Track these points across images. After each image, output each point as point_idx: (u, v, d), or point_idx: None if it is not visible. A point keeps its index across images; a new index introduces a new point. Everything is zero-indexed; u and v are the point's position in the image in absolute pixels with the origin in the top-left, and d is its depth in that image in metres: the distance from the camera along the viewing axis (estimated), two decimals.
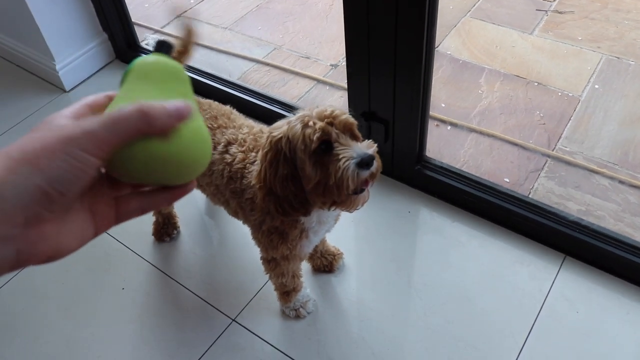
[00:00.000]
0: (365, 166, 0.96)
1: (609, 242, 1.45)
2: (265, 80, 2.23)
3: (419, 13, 1.30)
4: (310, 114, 0.99)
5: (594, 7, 2.50)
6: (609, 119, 1.98)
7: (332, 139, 0.96)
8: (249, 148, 1.17)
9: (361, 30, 1.42)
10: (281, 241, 1.18)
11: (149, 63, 0.48)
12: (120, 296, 1.53)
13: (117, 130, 0.40)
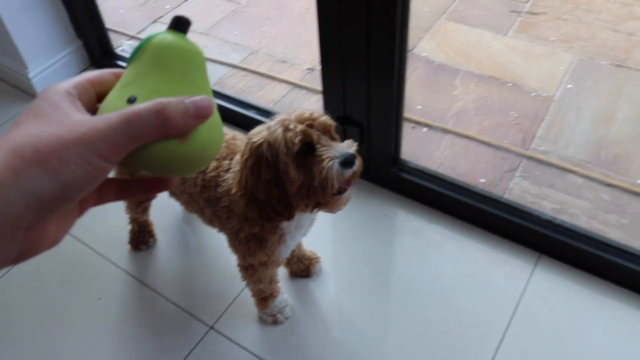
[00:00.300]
0: (349, 165, 0.97)
1: (582, 239, 1.47)
2: (242, 85, 2.23)
3: (391, 16, 1.31)
4: (289, 118, 0.99)
5: (567, 8, 2.53)
6: (581, 118, 2.00)
7: (314, 140, 0.97)
8: (222, 156, 1.17)
9: (334, 33, 1.43)
10: (259, 248, 1.18)
11: (166, 45, 0.43)
12: (97, 306, 1.52)
13: (133, 133, 0.38)
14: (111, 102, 0.41)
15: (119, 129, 0.37)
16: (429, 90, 2.15)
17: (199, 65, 0.44)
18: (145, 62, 0.42)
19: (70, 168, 0.36)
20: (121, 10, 2.73)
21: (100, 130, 0.37)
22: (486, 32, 2.43)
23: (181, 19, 0.44)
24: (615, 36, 2.35)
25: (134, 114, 0.38)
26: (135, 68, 0.43)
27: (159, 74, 0.42)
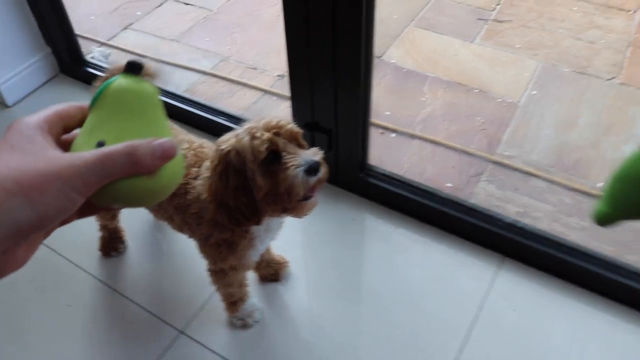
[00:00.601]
0: (313, 172, 0.99)
1: (544, 242, 1.52)
2: (213, 91, 2.24)
3: (356, 22, 1.34)
4: (257, 126, 1.02)
5: (531, 16, 2.60)
6: (545, 123, 2.06)
7: (280, 148, 1.00)
8: (190, 164, 1.19)
9: (301, 41, 1.46)
10: (230, 252, 1.20)
11: (124, 89, 0.47)
12: (67, 313, 1.52)
13: (106, 172, 0.42)
14: (81, 146, 0.46)
15: (94, 168, 0.42)
16: (398, 96, 2.19)
17: (155, 104, 0.49)
18: (106, 107, 0.47)
19: (49, 200, 0.40)
20: (92, 16, 2.73)
21: (77, 167, 0.41)
22: (454, 39, 2.48)
23: (134, 63, 0.48)
24: (577, 44, 2.42)
25: (107, 155, 0.42)
26: (99, 113, 0.47)
27: (120, 117, 0.46)
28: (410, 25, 2.56)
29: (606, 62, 2.32)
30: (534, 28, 2.53)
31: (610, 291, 1.48)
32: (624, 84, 2.22)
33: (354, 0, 1.30)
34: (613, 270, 1.47)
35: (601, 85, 2.22)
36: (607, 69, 2.29)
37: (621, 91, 2.19)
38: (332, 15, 1.35)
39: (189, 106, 1.97)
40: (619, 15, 2.56)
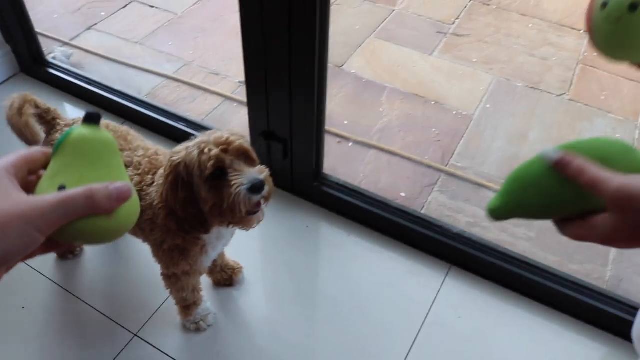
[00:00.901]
0: (256, 191, 1.03)
1: (489, 252, 1.59)
2: (175, 96, 2.26)
3: (310, 33, 1.38)
4: (207, 140, 1.05)
5: (489, 32, 2.68)
6: (497, 136, 2.14)
7: (226, 165, 1.04)
8: (145, 171, 1.22)
9: (258, 52, 1.49)
10: (182, 258, 1.23)
11: (83, 138, 0.52)
12: (20, 315, 1.53)
13: (66, 213, 0.47)
14: (45, 190, 0.51)
15: (55, 209, 0.46)
16: (356, 106, 2.25)
17: (112, 150, 0.54)
18: (68, 154, 0.52)
19: (12, 239, 0.44)
20: (54, 15, 2.71)
21: (39, 208, 0.46)
22: (413, 51, 2.55)
23: (93, 114, 0.54)
24: (531, 60, 2.51)
25: (68, 197, 0.47)
26: (60, 160, 0.52)
27: (80, 163, 0.52)
28: (371, 36, 2.62)
29: (557, 78, 2.42)
30: (490, 43, 2.61)
31: (553, 301, 1.56)
32: (573, 100, 2.32)
33: (308, 11, 1.34)
34: (555, 281, 1.54)
35: (552, 100, 2.31)
36: (558, 85, 2.38)
37: (570, 107, 2.29)
38: (287, 26, 1.39)
39: (150, 111, 1.99)
40: (570, 34, 2.66)
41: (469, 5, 2.87)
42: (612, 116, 2.25)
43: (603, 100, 2.33)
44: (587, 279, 1.62)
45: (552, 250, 1.73)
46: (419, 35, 2.65)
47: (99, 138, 0.53)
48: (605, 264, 1.71)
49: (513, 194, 0.63)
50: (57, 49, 2.42)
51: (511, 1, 2.92)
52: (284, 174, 1.75)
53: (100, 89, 2.10)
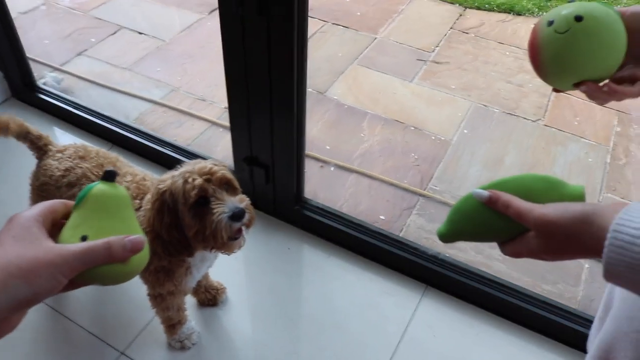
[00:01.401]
0: (237, 219, 1.10)
1: (464, 273, 1.65)
2: (162, 121, 2.33)
3: (288, 62, 1.45)
4: (192, 170, 1.13)
5: (467, 59, 2.78)
6: (474, 161, 2.22)
7: (209, 194, 1.11)
8: (133, 196, 1.28)
9: (240, 81, 1.57)
10: (167, 278, 1.29)
11: (102, 194, 0.61)
12: (8, 335, 1.56)
13: (88, 260, 0.55)
14: (68, 239, 0.58)
15: (79, 258, 0.55)
16: (338, 131, 2.32)
17: (127, 205, 0.63)
18: (89, 208, 0.60)
19: (42, 282, 0.52)
20: (45, 40, 2.78)
21: (65, 256, 0.54)
22: (394, 78, 2.64)
23: (111, 172, 0.62)
24: (507, 87, 2.61)
25: (90, 248, 0.56)
26: (82, 212, 0.60)
27: (100, 216, 0.60)
28: (353, 63, 2.71)
29: (533, 104, 2.51)
30: (469, 70, 2.71)
31: (526, 320, 1.62)
32: (548, 126, 2.40)
33: (286, 42, 1.42)
34: (528, 302, 1.61)
35: (527, 125, 2.40)
36: (533, 111, 2.47)
37: (545, 132, 2.37)
38: (267, 56, 1.46)
39: (137, 136, 2.05)
40: None
41: (449, 34, 2.98)
42: (585, 141, 2.34)
43: (576, 126, 2.42)
44: (560, 299, 1.69)
45: (526, 271, 1.80)
46: (400, 62, 2.74)
47: (116, 194, 0.61)
48: (577, 284, 1.78)
49: (455, 223, 0.74)
50: (48, 74, 2.48)
51: (489, 29, 3.03)
52: (267, 198, 1.81)
53: (89, 114, 2.16)
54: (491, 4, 3.24)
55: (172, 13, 3.05)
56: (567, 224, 0.61)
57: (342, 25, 3.00)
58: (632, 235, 0.55)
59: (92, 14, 3.00)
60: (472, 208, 0.71)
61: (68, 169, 1.37)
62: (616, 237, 0.56)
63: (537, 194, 0.68)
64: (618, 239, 0.56)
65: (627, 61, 0.77)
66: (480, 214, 0.70)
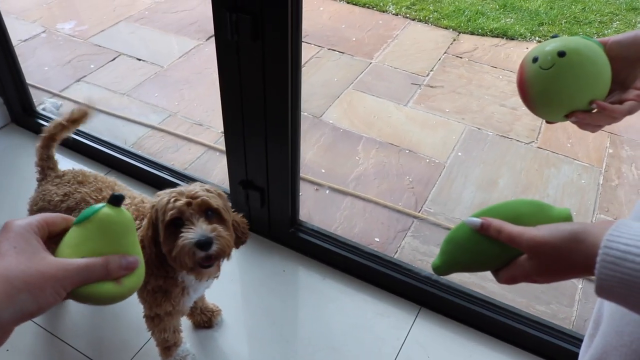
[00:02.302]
0: (201, 247, 1.11)
1: (457, 294, 1.66)
2: (159, 145, 2.36)
3: (283, 90, 1.49)
4: (181, 191, 1.16)
5: (461, 83, 2.82)
6: (468, 183, 2.24)
7: (185, 217, 1.13)
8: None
9: (235, 106, 1.60)
10: (165, 298, 1.31)
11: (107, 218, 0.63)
12: (5, 358, 1.58)
13: (87, 276, 0.58)
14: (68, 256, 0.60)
15: (79, 272, 0.58)
16: (334, 154, 2.35)
17: (130, 228, 0.65)
18: (91, 229, 0.62)
19: (47, 296, 0.55)
20: (45, 67, 2.82)
21: (67, 271, 0.57)
22: (389, 102, 2.68)
23: (118, 196, 0.64)
24: (501, 110, 2.64)
25: (90, 264, 0.59)
26: (83, 232, 0.62)
27: (102, 239, 0.62)
28: (349, 88, 2.75)
29: (526, 127, 2.55)
30: (463, 94, 2.75)
31: (520, 341, 1.63)
32: (541, 148, 2.43)
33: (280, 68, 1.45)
34: (522, 322, 1.62)
35: (521, 148, 2.43)
36: (527, 134, 2.51)
37: (538, 154, 2.40)
38: (262, 82, 1.50)
39: (135, 160, 2.08)
40: None
41: (443, 58, 3.03)
42: (578, 163, 2.37)
43: (569, 148, 2.45)
44: (554, 319, 1.70)
45: (520, 292, 1.81)
46: (395, 86, 2.79)
47: (122, 220, 0.63)
48: (571, 304, 1.80)
49: (449, 254, 0.74)
50: (47, 100, 2.52)
51: (482, 54, 3.08)
52: (262, 221, 1.84)
53: (87, 139, 2.19)
54: (484, 28, 3.30)
55: (171, 40, 3.11)
56: (557, 243, 0.63)
57: (337, 51, 3.05)
58: (622, 250, 0.57)
59: (92, 41, 3.05)
60: (465, 237, 0.72)
61: (67, 194, 1.39)
62: (607, 253, 0.58)
63: (526, 217, 0.69)
64: (609, 255, 0.57)
65: (613, 88, 0.80)
66: (473, 242, 0.71)
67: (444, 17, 3.41)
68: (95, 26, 3.19)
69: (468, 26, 3.32)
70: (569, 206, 2.19)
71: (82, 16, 3.30)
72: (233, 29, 1.41)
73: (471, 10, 3.49)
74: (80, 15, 3.31)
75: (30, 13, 3.30)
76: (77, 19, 3.27)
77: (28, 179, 1.49)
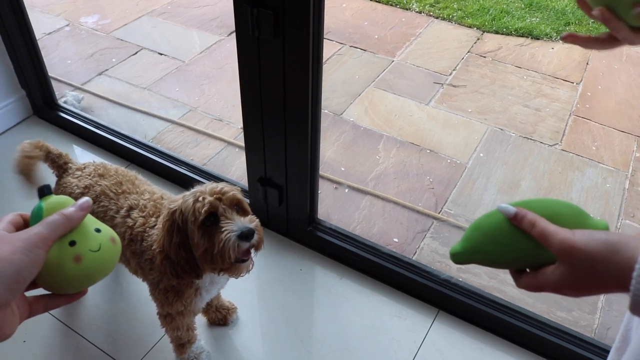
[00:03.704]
0: (245, 238, 1.10)
1: (476, 298, 1.63)
2: (179, 140, 2.35)
3: (304, 86, 1.47)
4: (203, 190, 1.14)
5: (484, 83, 2.78)
6: (490, 184, 2.21)
7: (219, 212, 1.11)
8: (149, 213, 1.30)
9: (255, 102, 1.58)
10: (176, 298, 1.30)
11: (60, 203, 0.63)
12: (21, 349, 1.58)
13: (52, 228, 0.58)
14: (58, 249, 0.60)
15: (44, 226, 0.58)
16: (354, 153, 2.33)
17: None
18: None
19: (22, 257, 0.55)
20: (68, 60, 2.84)
21: (32, 231, 0.58)
22: (410, 100, 2.64)
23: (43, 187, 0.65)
24: (524, 111, 2.60)
25: (49, 219, 0.59)
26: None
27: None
28: (370, 86, 2.72)
29: (550, 129, 2.50)
30: (485, 94, 2.70)
31: (540, 348, 1.59)
32: (565, 150, 2.39)
33: (301, 65, 1.43)
34: (542, 329, 1.58)
35: (544, 150, 2.39)
36: (550, 136, 2.46)
37: (562, 157, 2.36)
38: (282, 78, 1.48)
39: (154, 155, 2.08)
40: (564, 85, 2.76)
41: (466, 57, 2.98)
42: (603, 166, 2.32)
43: (594, 151, 2.40)
44: (575, 327, 1.67)
45: (540, 297, 1.77)
46: (417, 85, 2.75)
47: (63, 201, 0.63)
48: (593, 311, 1.76)
49: (473, 241, 0.69)
50: (69, 93, 2.53)
51: (506, 53, 3.03)
52: (280, 219, 1.82)
53: (107, 133, 2.19)
54: (509, 28, 3.25)
55: (192, 35, 3.10)
56: (592, 252, 0.58)
57: (359, 48, 3.03)
58: None
59: (114, 35, 3.06)
60: (493, 226, 0.67)
61: (87, 187, 1.39)
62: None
63: (562, 219, 0.65)
64: None
65: None
66: (502, 233, 0.67)
67: (468, 16, 3.36)
68: (117, 20, 3.20)
69: (492, 25, 3.27)
70: (593, 211, 2.16)
71: (105, 10, 3.31)
72: (254, 24, 1.40)
73: (496, 8, 3.44)
74: (104, 9, 3.32)
75: (54, 7, 3.31)
76: (100, 12, 3.28)
77: (50, 170, 1.49)
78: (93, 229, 0.64)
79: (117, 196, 1.36)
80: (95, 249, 0.62)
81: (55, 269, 0.59)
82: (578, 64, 2.96)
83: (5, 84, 2.27)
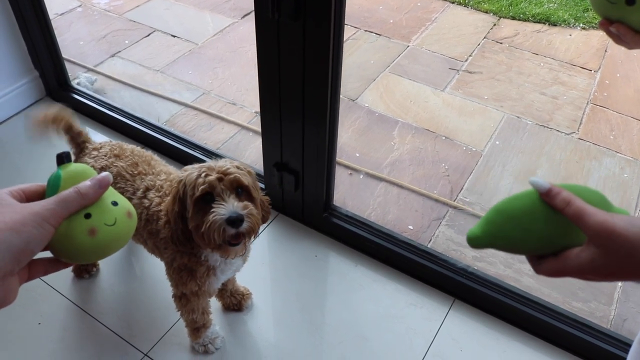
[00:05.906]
0: (232, 224, 1.08)
1: (493, 287, 1.62)
2: (193, 123, 2.34)
3: (323, 71, 1.45)
4: (211, 166, 1.13)
5: (500, 69, 2.74)
6: (506, 173, 2.18)
7: (215, 193, 1.10)
8: (166, 193, 1.29)
9: (273, 85, 1.56)
10: (190, 278, 1.30)
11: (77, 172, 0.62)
12: (36, 331, 1.58)
13: (65, 206, 0.58)
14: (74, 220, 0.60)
15: (57, 203, 0.58)
16: (369, 139, 2.31)
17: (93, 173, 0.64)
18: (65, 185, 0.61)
19: (31, 229, 0.55)
20: (81, 42, 2.82)
21: (44, 205, 0.57)
22: (425, 86, 2.61)
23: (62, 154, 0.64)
24: (541, 98, 2.56)
25: (63, 194, 0.59)
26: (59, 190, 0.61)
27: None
28: (385, 71, 2.69)
29: (567, 117, 2.47)
30: (502, 80, 2.67)
31: (555, 338, 1.58)
32: (582, 139, 2.36)
33: (321, 49, 1.41)
34: (558, 319, 1.57)
35: (561, 139, 2.36)
36: (567, 124, 2.43)
37: (579, 145, 2.33)
38: (302, 61, 1.46)
39: (167, 138, 2.06)
40: (581, 73, 2.72)
41: (482, 43, 2.95)
42: (621, 156, 2.29)
43: (612, 140, 2.37)
44: (591, 317, 1.65)
45: (557, 287, 1.76)
46: (432, 71, 2.72)
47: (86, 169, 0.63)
48: (609, 302, 1.74)
49: (496, 225, 0.64)
50: (82, 75, 2.52)
51: (523, 40, 2.99)
52: (295, 205, 1.81)
53: (121, 115, 2.18)
54: (526, 14, 3.20)
55: (206, 17, 3.08)
56: (632, 238, 0.55)
57: (374, 33, 2.99)
58: None
59: (127, 17, 3.04)
60: (518, 207, 0.63)
61: (103, 167, 1.38)
62: None
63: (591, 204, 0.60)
64: None
65: None
66: (530, 217, 0.62)
67: (485, 1, 3.31)
68: (130, 1, 3.17)
69: (509, 11, 3.23)
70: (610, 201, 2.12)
71: None
72: (274, 7, 1.37)
73: None
74: None
75: None
76: None
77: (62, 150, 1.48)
78: (110, 202, 0.63)
79: (134, 177, 1.36)
80: (110, 222, 0.61)
81: (70, 240, 0.59)
82: (596, 51, 2.92)
83: (19, 65, 2.26)
